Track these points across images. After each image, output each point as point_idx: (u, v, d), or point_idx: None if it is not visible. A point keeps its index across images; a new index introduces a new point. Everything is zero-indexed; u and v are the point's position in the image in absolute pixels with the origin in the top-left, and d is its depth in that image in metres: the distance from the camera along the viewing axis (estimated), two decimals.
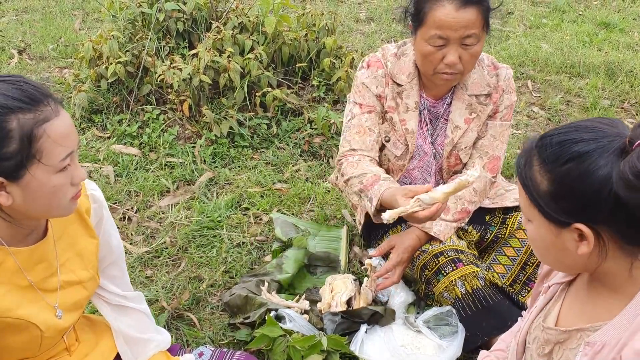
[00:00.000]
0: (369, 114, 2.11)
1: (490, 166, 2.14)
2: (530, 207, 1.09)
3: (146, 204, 2.82)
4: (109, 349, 1.60)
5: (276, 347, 1.93)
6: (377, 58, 2.12)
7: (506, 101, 2.12)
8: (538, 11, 5.61)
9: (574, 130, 1.04)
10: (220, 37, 3.37)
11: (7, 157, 1.13)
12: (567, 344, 1.17)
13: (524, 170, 1.09)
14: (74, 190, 1.26)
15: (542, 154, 1.05)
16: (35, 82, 1.20)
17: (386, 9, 5.42)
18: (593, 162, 0.98)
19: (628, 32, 5.16)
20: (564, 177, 1.02)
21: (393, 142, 2.13)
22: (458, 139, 2.11)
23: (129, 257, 2.45)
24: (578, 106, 3.88)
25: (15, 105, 1.13)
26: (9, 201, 1.18)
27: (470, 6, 1.84)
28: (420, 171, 2.19)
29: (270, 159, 3.18)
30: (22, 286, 1.30)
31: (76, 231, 1.42)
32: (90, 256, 1.45)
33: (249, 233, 2.62)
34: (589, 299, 1.17)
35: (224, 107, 3.31)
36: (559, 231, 1.06)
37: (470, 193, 2.10)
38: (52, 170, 1.18)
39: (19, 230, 1.27)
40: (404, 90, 2.08)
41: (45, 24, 4.71)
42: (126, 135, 3.23)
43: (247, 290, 2.20)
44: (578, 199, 1.01)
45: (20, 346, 1.33)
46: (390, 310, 2.07)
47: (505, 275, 2.17)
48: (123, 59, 3.28)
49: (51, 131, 1.16)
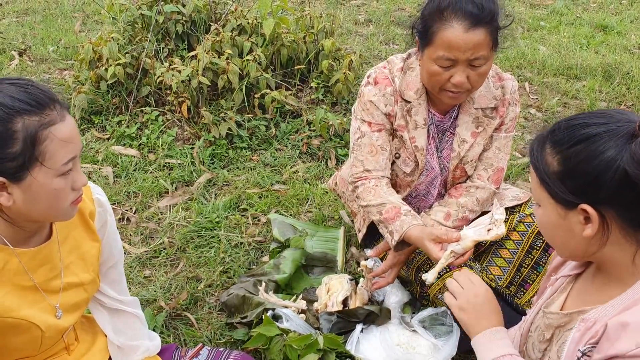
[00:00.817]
0: (379, 132, 2.06)
1: (495, 178, 2.14)
2: (540, 189, 1.14)
3: (145, 204, 2.84)
4: (105, 348, 1.62)
5: (273, 346, 1.95)
6: (385, 75, 2.05)
7: (511, 114, 2.10)
8: (536, 14, 5.64)
9: (586, 116, 1.10)
10: (219, 39, 3.39)
11: (10, 157, 1.15)
12: (567, 326, 1.21)
13: (536, 152, 1.14)
14: (75, 195, 1.27)
15: (554, 137, 1.11)
16: (43, 86, 1.22)
17: (385, 12, 5.44)
18: (602, 144, 1.04)
19: (625, 34, 5.18)
20: (572, 157, 1.07)
21: (403, 160, 2.11)
22: (465, 153, 2.09)
23: (127, 257, 2.48)
24: (575, 108, 3.90)
25: (21, 107, 1.15)
26: (10, 202, 1.20)
27: (480, 27, 1.79)
28: (425, 185, 2.19)
29: (268, 160, 3.20)
30: (24, 287, 1.32)
31: (80, 234, 1.44)
32: (92, 259, 1.47)
33: (247, 234, 2.64)
34: (594, 288, 1.21)
35: (223, 108, 3.33)
36: (565, 213, 1.11)
37: (473, 202, 2.11)
38: (53, 174, 1.20)
39: (21, 231, 1.29)
40: (413, 107, 2.04)
41: (45, 26, 4.74)
42: (125, 137, 3.25)
43: (245, 290, 2.22)
44: (584, 179, 1.06)
45: (20, 346, 1.35)
46: (386, 309, 2.09)
47: (502, 277, 2.19)
48: (122, 60, 3.30)
49: (55, 135, 1.18)
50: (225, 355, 1.70)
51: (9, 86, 1.17)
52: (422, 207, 2.24)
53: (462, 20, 1.79)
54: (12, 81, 1.19)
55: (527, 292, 2.16)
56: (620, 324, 1.04)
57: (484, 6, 1.79)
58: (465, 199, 2.11)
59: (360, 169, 2.08)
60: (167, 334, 2.12)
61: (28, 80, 1.20)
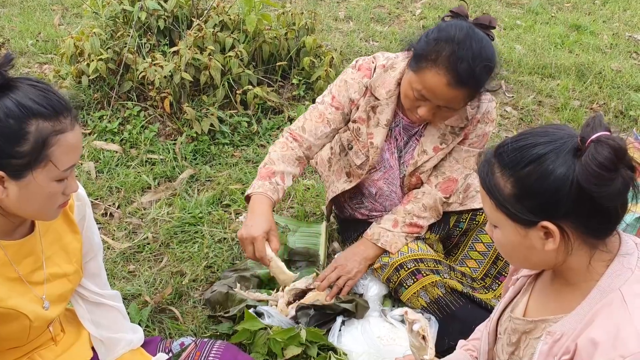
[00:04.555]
0: (335, 109, 2.12)
1: (444, 187, 2.17)
2: (497, 212, 1.17)
3: (128, 200, 2.85)
4: (90, 341, 1.66)
5: (257, 340, 2.00)
6: (369, 66, 2.11)
7: (478, 130, 2.12)
8: (512, 12, 5.75)
9: (529, 136, 1.14)
10: (201, 35, 3.41)
11: (17, 155, 1.20)
12: (533, 334, 1.27)
13: (487, 178, 1.17)
14: (63, 199, 1.33)
15: (503, 161, 1.14)
16: (60, 93, 1.27)
17: (365, 8, 5.50)
18: (551, 162, 1.08)
19: (598, 34, 5.32)
20: (525, 178, 1.11)
21: (355, 151, 2.18)
22: (422, 163, 2.14)
23: (111, 252, 2.50)
24: (549, 106, 4.01)
25: (39, 111, 1.20)
26: (3, 196, 1.24)
27: (463, 88, 1.83)
28: (385, 182, 2.24)
29: (250, 156, 3.23)
30: (11, 278, 1.36)
31: (61, 227, 1.48)
32: (74, 251, 1.51)
33: (230, 229, 2.68)
34: (552, 292, 1.26)
35: (205, 104, 3.35)
36: (525, 231, 1.15)
37: (419, 208, 2.16)
38: (52, 178, 1.26)
39: (7, 223, 1.33)
40: (380, 105, 2.09)
41: (23, 19, 4.69)
42: (107, 132, 3.26)
43: (228, 287, 2.26)
44: (541, 198, 1.10)
45: (8, 336, 1.38)
46: (362, 305, 2.13)
47: (477, 270, 2.27)
48: (104, 56, 3.30)
49: (63, 142, 1.24)
50: (209, 345, 1.74)
51: (30, 88, 1.22)
52: (389, 207, 2.30)
53: (450, 74, 1.80)
54: (32, 82, 1.24)
55: (502, 284, 2.24)
56: (591, 343, 1.08)
57: (475, 74, 1.80)
58: (411, 205, 2.17)
59: (299, 125, 2.14)
60: (152, 328, 2.15)
61: (48, 85, 1.26)
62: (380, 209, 2.31)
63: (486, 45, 1.84)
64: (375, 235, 2.16)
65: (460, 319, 2.03)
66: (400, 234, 2.14)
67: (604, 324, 1.09)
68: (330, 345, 2.04)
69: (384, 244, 2.14)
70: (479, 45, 1.81)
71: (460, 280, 2.16)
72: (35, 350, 1.49)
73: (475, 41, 1.81)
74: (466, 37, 1.80)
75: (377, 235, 2.16)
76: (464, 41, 1.79)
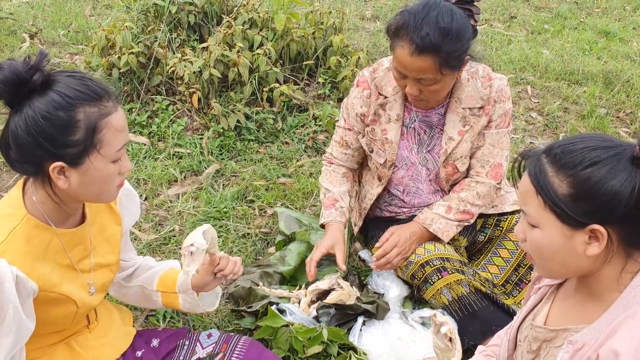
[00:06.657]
0: (349, 131, 2.31)
1: (493, 173, 2.22)
2: (544, 212, 1.17)
3: (155, 192, 2.91)
4: (123, 335, 1.71)
5: (279, 337, 2.04)
6: (365, 78, 2.23)
7: (499, 110, 2.17)
8: (540, 16, 5.70)
9: (587, 139, 1.16)
10: (230, 32, 3.45)
11: (72, 144, 1.26)
12: (554, 342, 1.28)
13: (540, 176, 1.17)
14: (120, 179, 1.39)
15: (560, 160, 1.15)
16: (97, 80, 1.33)
17: (392, 8, 5.50)
18: (613, 167, 1.10)
19: (627, 41, 5.26)
20: (585, 180, 1.12)
21: (376, 152, 2.25)
22: (452, 150, 2.18)
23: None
24: (575, 113, 3.98)
25: (83, 97, 1.27)
26: (66, 185, 1.31)
27: (424, 55, 1.88)
28: (410, 179, 2.29)
29: (275, 153, 3.27)
30: (63, 265, 1.43)
31: (105, 218, 1.55)
32: (115, 242, 1.57)
33: (254, 225, 2.72)
34: (575, 302, 1.28)
35: (232, 100, 3.40)
36: (571, 233, 1.15)
37: (473, 196, 2.19)
38: (108, 160, 1.32)
39: (63, 213, 1.40)
40: (388, 102, 2.18)
41: (55, 9, 4.77)
42: (136, 124, 3.31)
43: (251, 282, 2.31)
44: (598, 201, 1.11)
45: (55, 320, 1.45)
46: (382, 307, 2.16)
47: (499, 276, 2.28)
48: (135, 49, 3.36)
49: (111, 124, 1.30)
50: (236, 339, 1.79)
51: (69, 78, 1.28)
52: (418, 205, 2.32)
53: (409, 44, 1.90)
54: (69, 74, 1.30)
55: (523, 291, 2.25)
56: (613, 354, 1.10)
57: (430, 39, 1.86)
58: (465, 193, 2.20)
59: (329, 152, 2.43)
60: (177, 320, 2.20)
61: (83, 73, 1.32)
62: (408, 206, 2.34)
63: (445, 13, 1.89)
64: (427, 220, 2.18)
65: (482, 319, 2.05)
66: (452, 222, 2.16)
67: (627, 336, 1.10)
68: (351, 344, 2.07)
69: (435, 230, 2.16)
70: (436, 12, 1.88)
71: (483, 284, 2.18)
72: (72, 337, 1.55)
73: (433, 10, 1.89)
74: (423, 8, 1.90)
75: (429, 220, 2.17)
76: (420, 12, 1.90)
